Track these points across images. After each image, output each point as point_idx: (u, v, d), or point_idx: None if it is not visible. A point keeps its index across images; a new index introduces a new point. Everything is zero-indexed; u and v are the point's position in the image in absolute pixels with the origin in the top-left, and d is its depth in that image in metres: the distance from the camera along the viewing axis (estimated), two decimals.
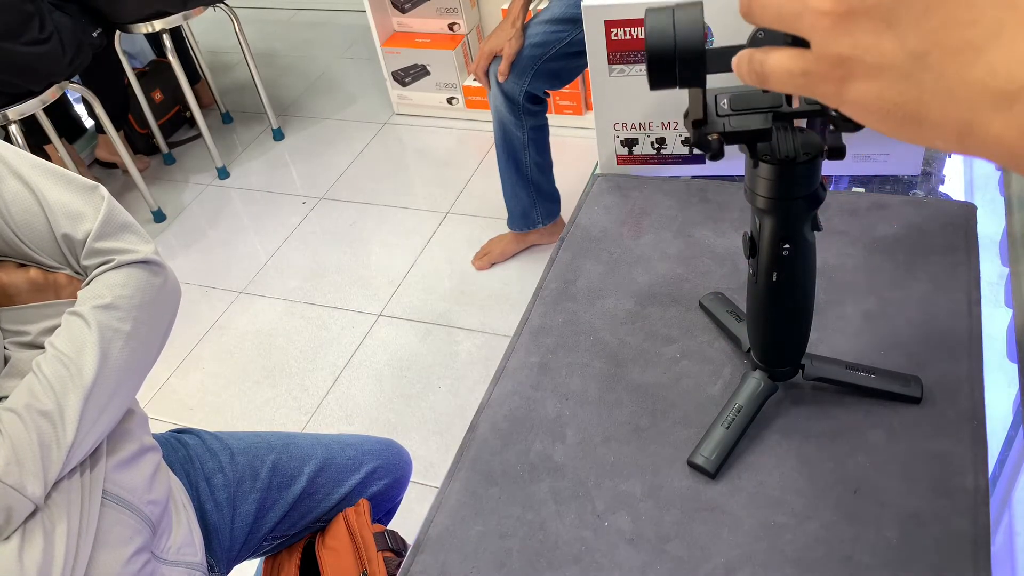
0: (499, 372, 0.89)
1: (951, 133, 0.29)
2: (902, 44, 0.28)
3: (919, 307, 0.85)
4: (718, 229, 1.00)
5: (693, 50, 0.50)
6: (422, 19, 2.90)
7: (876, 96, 0.30)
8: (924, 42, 0.28)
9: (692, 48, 0.50)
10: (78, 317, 0.81)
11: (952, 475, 0.70)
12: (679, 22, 0.50)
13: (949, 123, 0.28)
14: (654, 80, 0.52)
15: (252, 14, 3.98)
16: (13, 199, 0.83)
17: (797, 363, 0.77)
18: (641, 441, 0.79)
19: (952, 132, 0.29)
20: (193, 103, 2.89)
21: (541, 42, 1.91)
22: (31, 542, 0.75)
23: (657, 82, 0.52)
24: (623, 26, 0.95)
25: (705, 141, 0.58)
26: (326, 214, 2.74)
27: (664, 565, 0.69)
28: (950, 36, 0.27)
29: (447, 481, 0.80)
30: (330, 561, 1.10)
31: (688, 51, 0.50)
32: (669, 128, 1.04)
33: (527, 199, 2.20)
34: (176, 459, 1.10)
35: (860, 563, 0.66)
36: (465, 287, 2.35)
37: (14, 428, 0.75)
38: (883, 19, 0.28)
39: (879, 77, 0.29)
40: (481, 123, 2.94)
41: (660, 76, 0.51)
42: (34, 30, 2.22)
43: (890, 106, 0.30)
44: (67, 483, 0.79)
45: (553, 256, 1.01)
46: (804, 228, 0.65)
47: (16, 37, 2.18)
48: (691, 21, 0.50)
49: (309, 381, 2.17)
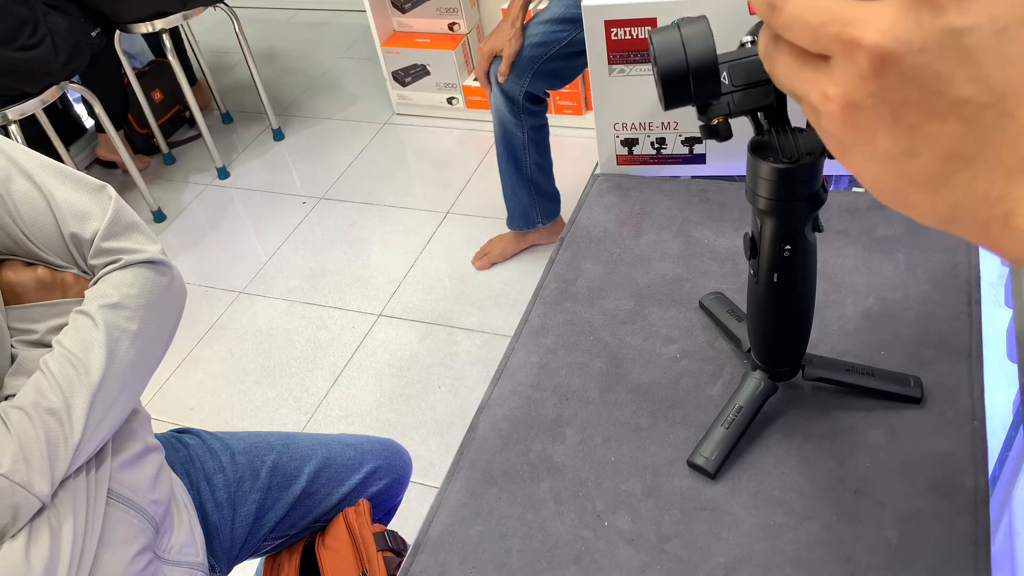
0: (499, 372, 0.89)
1: (935, 221, 0.31)
2: (896, 143, 0.30)
3: (919, 307, 0.85)
4: (718, 229, 1.00)
5: (706, 64, 0.49)
6: (422, 19, 2.90)
7: (870, 176, 0.32)
8: (916, 145, 0.30)
9: (705, 62, 0.49)
10: (85, 316, 0.82)
11: (952, 475, 0.70)
12: (688, 37, 0.49)
13: (933, 214, 0.31)
14: (669, 99, 0.50)
15: (252, 14, 3.97)
16: (22, 198, 0.83)
17: (797, 363, 0.77)
18: (641, 441, 0.79)
19: (936, 221, 0.31)
20: (193, 103, 2.89)
21: (541, 42, 1.91)
22: (37, 540, 0.75)
23: (672, 101, 0.51)
24: (623, 26, 0.95)
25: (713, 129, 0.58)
26: (326, 214, 2.74)
27: (664, 565, 0.69)
28: (941, 143, 0.29)
29: (447, 481, 0.80)
30: (330, 561, 1.10)
31: (701, 66, 0.49)
32: (669, 128, 1.04)
33: (527, 199, 2.20)
34: (177, 459, 1.10)
35: (860, 563, 0.67)
36: (465, 287, 2.35)
37: (22, 426, 0.75)
38: (881, 119, 0.30)
39: (872, 163, 0.32)
40: (481, 123, 2.94)
41: (675, 94, 0.50)
42: (25, 35, 2.21)
43: (880, 188, 0.32)
44: (73, 482, 0.80)
45: (553, 256, 1.01)
46: (805, 229, 0.65)
47: (7, 44, 2.17)
48: (700, 35, 0.49)
49: (309, 381, 2.17)
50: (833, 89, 0.31)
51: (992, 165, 0.28)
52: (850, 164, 0.33)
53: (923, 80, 0.28)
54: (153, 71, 3.05)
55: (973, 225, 0.30)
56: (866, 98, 0.30)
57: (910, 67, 0.28)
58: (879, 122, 0.30)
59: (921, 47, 0.28)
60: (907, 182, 0.31)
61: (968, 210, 0.30)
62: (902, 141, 0.30)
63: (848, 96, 0.30)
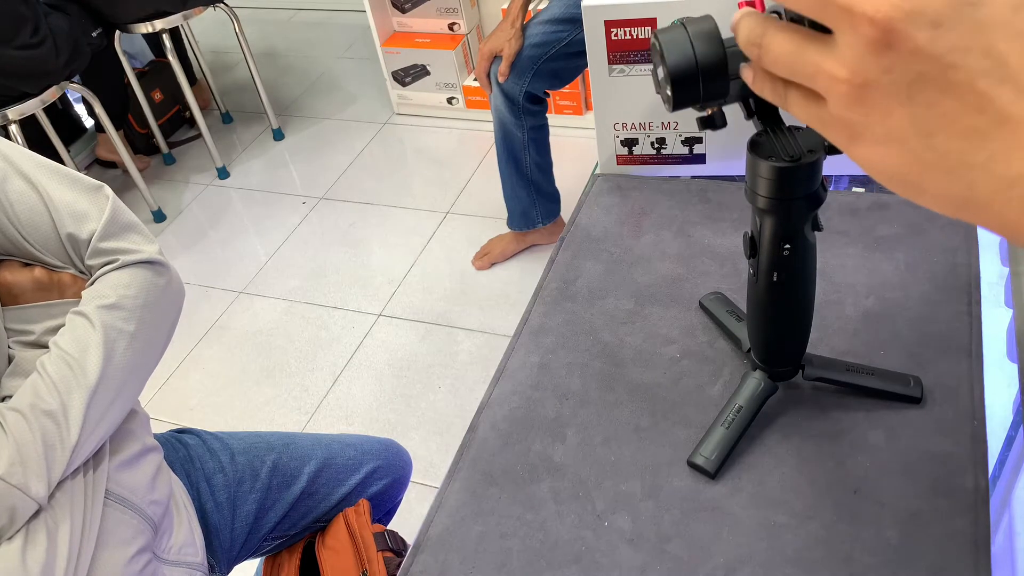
0: (499, 372, 0.89)
1: (949, 206, 0.30)
2: (912, 122, 0.29)
3: (919, 307, 0.85)
4: (718, 229, 1.00)
5: (716, 62, 0.48)
6: (422, 19, 2.90)
7: (880, 161, 0.31)
8: (933, 124, 0.29)
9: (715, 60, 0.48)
10: (82, 317, 0.81)
11: (952, 475, 0.70)
12: (695, 35, 0.48)
13: (948, 197, 0.30)
14: (678, 99, 0.50)
15: (252, 14, 3.98)
16: (18, 198, 0.83)
17: (797, 363, 0.77)
18: (641, 441, 0.79)
19: (950, 205, 0.30)
20: (193, 103, 2.89)
21: (541, 42, 1.91)
22: (34, 542, 0.75)
23: (680, 101, 0.50)
24: (623, 26, 0.95)
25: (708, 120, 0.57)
26: (326, 214, 2.74)
27: (664, 565, 0.69)
28: (958, 121, 0.28)
29: (447, 481, 0.80)
30: (330, 561, 1.10)
31: (711, 64, 0.48)
32: (669, 128, 1.04)
33: (527, 199, 2.20)
34: (176, 459, 1.10)
35: (860, 563, 0.66)
36: (465, 287, 2.35)
37: (18, 428, 0.75)
38: (896, 96, 0.29)
39: (885, 146, 0.30)
40: (481, 123, 2.94)
41: (684, 94, 0.50)
42: (26, 34, 2.21)
43: (892, 173, 0.31)
44: (70, 483, 0.79)
45: (553, 256, 1.01)
46: (805, 228, 0.65)
47: (8, 42, 2.18)
48: (708, 33, 0.48)
49: (309, 381, 2.17)
50: (842, 70, 0.30)
51: (1010, 144, 0.27)
52: (860, 151, 0.31)
53: (939, 53, 0.27)
54: (153, 71, 3.05)
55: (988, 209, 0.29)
56: (880, 75, 0.29)
57: (925, 40, 0.27)
58: (893, 100, 0.29)
59: (934, 18, 0.27)
60: (921, 165, 0.30)
61: (984, 193, 0.28)
62: (918, 120, 0.29)
63: (861, 74, 0.29)
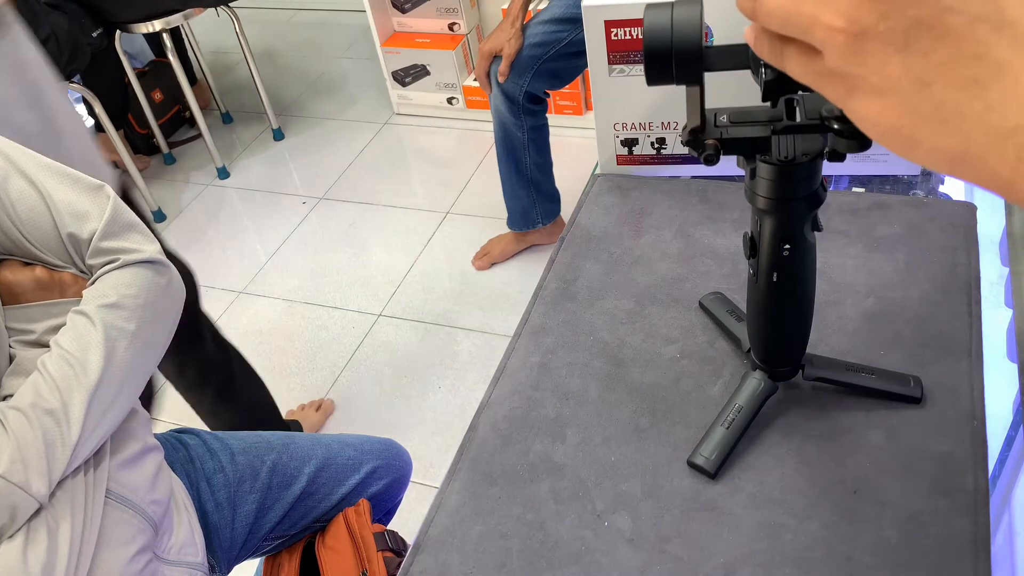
0: (499, 372, 0.89)
1: (943, 160, 0.29)
2: (908, 71, 0.29)
3: (919, 307, 0.85)
4: (718, 229, 1.00)
5: (690, 48, 0.50)
6: (422, 19, 2.90)
7: (876, 113, 0.30)
8: (929, 72, 0.28)
9: (689, 45, 0.50)
10: (83, 316, 0.81)
11: (952, 475, 0.70)
12: (677, 19, 0.50)
13: (943, 150, 0.29)
14: (650, 75, 0.52)
15: (252, 14, 3.97)
16: (19, 198, 0.83)
17: (797, 363, 0.77)
18: (641, 441, 0.79)
19: (944, 159, 0.29)
20: (193, 103, 2.89)
21: (541, 42, 1.91)
22: (35, 541, 0.75)
23: (653, 78, 0.52)
24: (623, 26, 0.95)
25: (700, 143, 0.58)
26: (326, 214, 2.74)
27: (664, 565, 0.69)
28: (955, 69, 0.28)
29: (447, 481, 0.80)
30: (330, 561, 1.10)
31: (685, 49, 0.50)
32: (669, 128, 1.04)
33: (527, 199, 2.20)
34: (176, 459, 1.10)
35: (860, 563, 0.66)
36: (465, 287, 2.35)
37: (19, 426, 0.75)
38: (893, 44, 0.28)
39: (881, 98, 0.30)
40: (481, 123, 2.94)
41: (656, 72, 0.51)
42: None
43: (887, 126, 0.30)
44: (71, 482, 0.79)
45: (553, 256, 1.01)
46: (804, 228, 0.65)
47: None
48: (689, 18, 0.50)
49: (309, 381, 2.17)
50: (838, 19, 0.29)
51: (1009, 94, 0.27)
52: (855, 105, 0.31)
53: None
54: (153, 71, 3.05)
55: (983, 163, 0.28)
56: (878, 21, 0.28)
57: None
58: (891, 48, 0.29)
59: None
60: (917, 116, 0.29)
61: (979, 145, 0.28)
62: (915, 68, 0.28)
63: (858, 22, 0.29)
